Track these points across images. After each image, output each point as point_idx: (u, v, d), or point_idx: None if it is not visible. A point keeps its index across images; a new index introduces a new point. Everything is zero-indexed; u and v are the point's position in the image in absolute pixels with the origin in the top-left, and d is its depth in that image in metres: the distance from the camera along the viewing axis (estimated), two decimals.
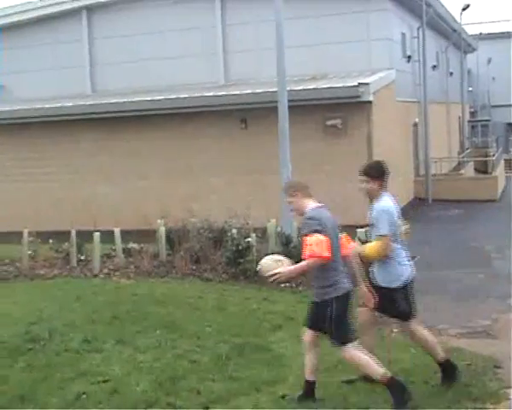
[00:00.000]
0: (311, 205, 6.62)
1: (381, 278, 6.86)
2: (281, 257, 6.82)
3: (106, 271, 13.74)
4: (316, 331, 6.60)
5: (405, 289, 6.85)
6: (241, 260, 12.98)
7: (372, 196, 6.97)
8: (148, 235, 15.02)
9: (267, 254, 7.21)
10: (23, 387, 6.97)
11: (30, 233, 15.02)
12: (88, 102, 22.26)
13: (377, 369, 6.36)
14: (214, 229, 14.36)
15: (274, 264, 6.61)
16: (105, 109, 21.39)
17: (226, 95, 20.22)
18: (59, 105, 22.25)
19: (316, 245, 6.30)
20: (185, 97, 20.53)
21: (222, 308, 10.48)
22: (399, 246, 6.92)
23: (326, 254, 6.30)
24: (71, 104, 22.10)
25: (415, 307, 6.97)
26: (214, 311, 10.30)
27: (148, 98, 21.03)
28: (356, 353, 6.44)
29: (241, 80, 22.80)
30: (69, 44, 26.33)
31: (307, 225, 6.47)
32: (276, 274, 6.48)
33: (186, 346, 8.31)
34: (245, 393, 6.71)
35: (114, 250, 14.65)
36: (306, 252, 6.36)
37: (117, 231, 14.57)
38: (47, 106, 22.42)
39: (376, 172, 6.95)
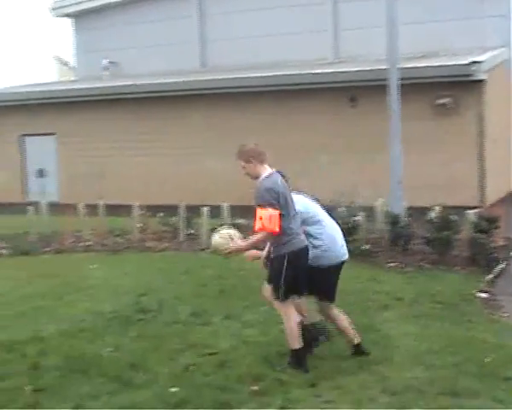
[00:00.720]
0: (264, 173, 6.75)
1: None
2: (231, 231, 6.96)
3: None
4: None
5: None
6: (349, 239, 12.87)
7: None
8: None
9: (221, 229, 7.13)
10: (134, 356, 7.15)
11: (140, 207, 15.40)
12: (198, 78, 22.48)
13: (297, 337, 6.69)
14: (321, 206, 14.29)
15: (224, 241, 6.80)
16: (214, 85, 21.54)
17: (335, 72, 20.03)
18: (169, 81, 22.56)
19: (267, 220, 6.48)
20: (294, 74, 20.46)
21: None
22: None
23: (276, 228, 6.51)
24: (181, 80, 22.37)
25: None
26: None
27: (257, 75, 21.07)
28: (288, 310, 6.75)
29: (350, 57, 22.57)
30: (180, 20, 26.64)
31: (262, 196, 6.57)
32: (228, 251, 6.77)
33: None
34: (351, 372, 6.68)
35: (222, 225, 14.79)
36: (258, 225, 6.53)
37: (224, 206, 14.73)
38: (157, 81, 22.79)
39: None
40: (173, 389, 6.24)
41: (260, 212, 6.53)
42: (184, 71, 24.73)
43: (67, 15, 31.03)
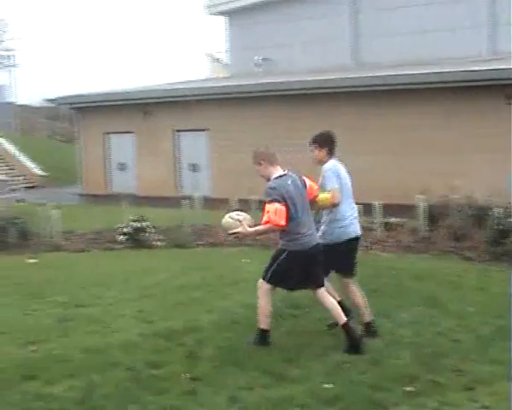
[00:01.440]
0: (275, 174, 7.30)
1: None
2: (242, 215, 7.42)
3: (365, 243, 13.80)
4: None
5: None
6: (504, 241, 12.48)
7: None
8: (407, 210, 14.89)
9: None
10: (287, 350, 7.19)
11: None
12: (350, 76, 22.39)
13: (265, 319, 7.29)
14: (476, 207, 13.95)
15: (233, 223, 7.31)
16: (366, 83, 21.39)
17: (490, 69, 19.43)
18: (322, 78, 22.58)
19: (273, 213, 7.05)
20: (449, 71, 20.01)
21: (483, 289, 10.16)
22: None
23: (282, 222, 7.09)
24: (334, 77, 22.34)
25: None
26: (475, 291, 10.01)
27: (410, 72, 20.75)
28: (265, 292, 7.33)
29: (507, 54, 21.81)
30: (332, 18, 26.66)
31: (269, 194, 7.15)
32: (235, 233, 7.31)
33: (447, 324, 8.14)
34: (509, 378, 6.44)
35: (373, 223, 14.69)
36: (265, 218, 7.12)
37: (376, 204, 14.60)
38: (306, 79, 22.86)
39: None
40: (327, 386, 6.23)
41: (268, 206, 7.11)
42: (336, 68, 24.71)
43: (221, 13, 31.71)
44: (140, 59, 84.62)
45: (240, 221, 7.29)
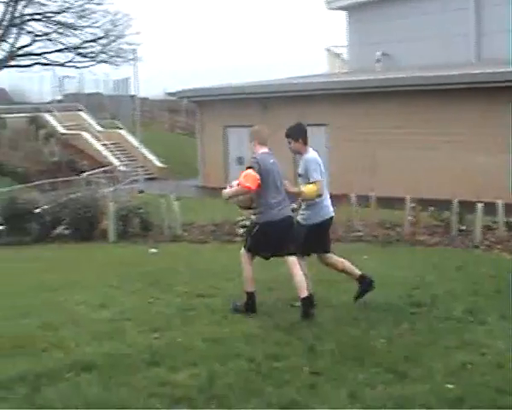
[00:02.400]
0: (260, 151, 8.56)
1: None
2: (235, 182, 8.60)
3: (487, 243, 13.50)
4: None
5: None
6: None
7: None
8: None
9: None
10: (408, 349, 7.09)
11: (411, 200, 15.29)
12: (473, 72, 21.87)
13: (249, 282, 8.49)
14: None
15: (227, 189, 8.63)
16: (490, 79, 20.85)
17: None
18: (443, 74, 22.16)
19: (245, 177, 8.32)
20: None
21: None
22: None
23: (250, 185, 8.27)
24: (455, 73, 21.88)
25: None
26: None
27: None
28: (246, 260, 8.48)
29: None
30: (455, 13, 26.09)
31: (250, 162, 8.44)
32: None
33: None
34: None
35: (496, 223, 14.32)
36: (240, 179, 8.40)
37: (499, 203, 14.22)
38: (429, 74, 22.47)
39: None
40: (449, 386, 6.10)
41: (244, 172, 8.39)
42: (458, 64, 24.18)
43: (341, 8, 31.58)
44: (260, 53, 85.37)
45: (231, 185, 8.63)
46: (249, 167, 8.39)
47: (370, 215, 15.77)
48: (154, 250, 14.30)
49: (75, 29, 53.96)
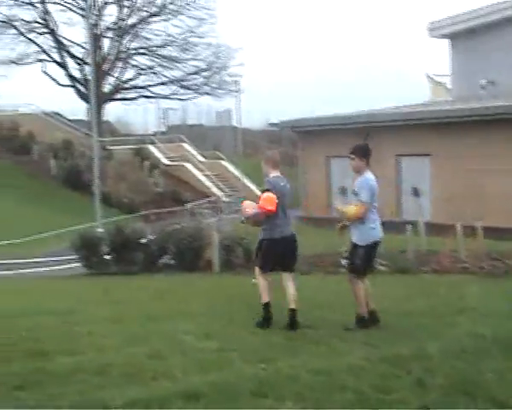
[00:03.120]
0: (272, 174, 9.47)
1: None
2: (252, 203, 9.62)
3: None
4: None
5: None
6: None
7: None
8: None
9: None
10: None
11: None
12: None
13: (264, 294, 9.57)
14: None
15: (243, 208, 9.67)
16: None
17: None
18: None
19: (264, 201, 9.19)
20: None
21: None
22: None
23: (270, 207, 9.14)
24: None
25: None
26: None
27: None
28: (261, 278, 9.58)
29: None
30: None
31: (265, 185, 9.38)
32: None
33: None
34: None
35: None
36: (260, 203, 9.21)
37: None
38: None
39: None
40: None
41: (262, 195, 9.27)
42: None
43: (444, 36, 31.20)
44: (360, 82, 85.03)
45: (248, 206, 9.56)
46: (266, 190, 9.30)
47: (476, 246, 15.43)
48: (255, 281, 14.35)
49: (178, 62, 55.34)
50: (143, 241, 18.59)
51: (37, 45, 54.62)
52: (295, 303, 9.47)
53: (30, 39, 54.32)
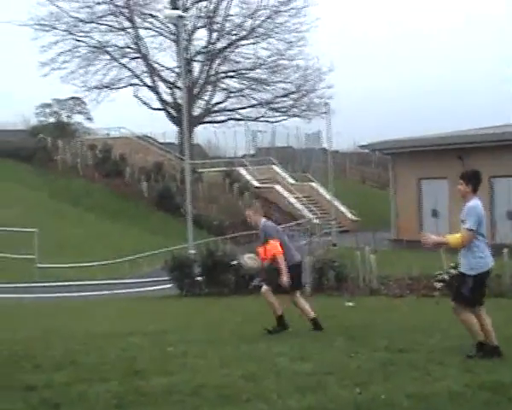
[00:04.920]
0: (263, 220, 11.42)
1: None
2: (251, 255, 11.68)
3: None
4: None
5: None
6: None
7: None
8: None
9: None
10: None
11: None
12: None
13: (277, 309, 11.25)
14: None
15: (252, 262, 11.68)
16: None
17: None
18: None
19: (270, 251, 11.05)
20: None
21: None
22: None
23: (277, 253, 11.01)
24: None
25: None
26: None
27: None
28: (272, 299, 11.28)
29: None
30: None
31: (267, 234, 11.16)
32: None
33: None
34: None
35: None
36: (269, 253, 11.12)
37: None
38: None
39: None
40: None
41: (268, 246, 11.02)
42: None
43: None
44: (452, 101, 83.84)
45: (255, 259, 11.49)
46: (267, 240, 11.03)
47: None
48: (350, 304, 14.24)
49: (267, 85, 55.69)
50: (234, 263, 18.66)
51: (130, 70, 55.91)
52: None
53: (122, 64, 55.67)
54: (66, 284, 26.12)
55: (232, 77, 56.94)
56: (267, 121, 57.46)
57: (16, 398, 7.18)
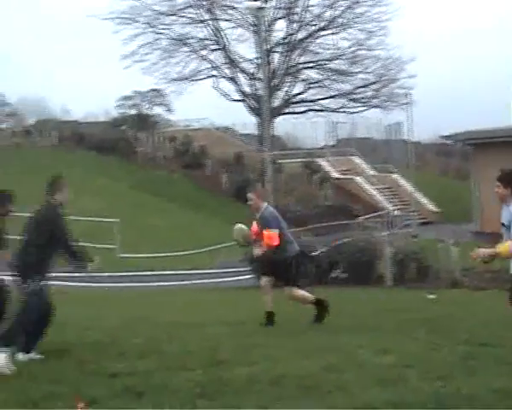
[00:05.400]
0: (264, 204, 11.00)
1: None
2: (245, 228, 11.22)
3: None
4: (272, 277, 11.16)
5: None
6: None
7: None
8: None
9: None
10: None
11: None
12: None
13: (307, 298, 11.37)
14: None
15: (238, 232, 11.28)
16: None
17: None
18: None
19: (268, 238, 10.66)
20: None
21: None
22: None
23: (275, 243, 10.65)
24: None
25: None
26: None
27: None
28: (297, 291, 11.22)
29: None
30: None
31: (268, 220, 10.76)
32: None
33: None
34: None
35: None
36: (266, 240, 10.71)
37: None
38: None
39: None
40: None
41: (267, 233, 10.67)
42: None
43: None
44: None
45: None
46: (269, 227, 10.61)
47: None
48: (432, 296, 14.07)
49: (347, 75, 55.36)
50: (314, 254, 18.66)
51: (209, 62, 56.37)
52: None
53: (202, 56, 56.17)
54: (147, 273, 26.57)
55: (312, 68, 56.79)
56: (347, 112, 57.15)
57: (100, 385, 7.34)
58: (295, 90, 57.15)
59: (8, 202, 9.31)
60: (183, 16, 54.94)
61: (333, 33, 55.15)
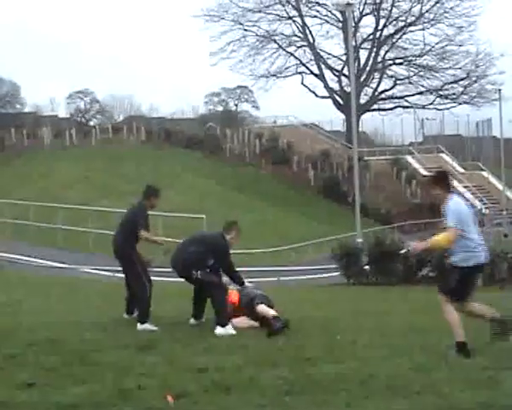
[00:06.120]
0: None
1: None
2: None
3: None
4: None
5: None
6: None
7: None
8: None
9: None
10: None
11: None
12: None
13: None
14: None
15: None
16: None
17: None
18: None
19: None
20: None
21: None
22: None
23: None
24: None
25: None
26: None
27: None
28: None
29: None
30: None
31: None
32: None
33: None
34: None
35: None
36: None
37: None
38: None
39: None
40: None
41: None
42: None
43: None
44: None
45: None
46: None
47: None
48: None
49: (436, 71, 54.51)
50: (402, 252, 18.41)
51: (296, 58, 56.39)
52: None
53: (289, 53, 56.20)
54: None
55: (400, 64, 56.15)
56: (436, 108, 56.28)
57: (189, 379, 7.39)
58: (383, 87, 56.65)
59: (155, 197, 10.56)
60: (270, 13, 55.12)
61: (421, 29, 54.45)
